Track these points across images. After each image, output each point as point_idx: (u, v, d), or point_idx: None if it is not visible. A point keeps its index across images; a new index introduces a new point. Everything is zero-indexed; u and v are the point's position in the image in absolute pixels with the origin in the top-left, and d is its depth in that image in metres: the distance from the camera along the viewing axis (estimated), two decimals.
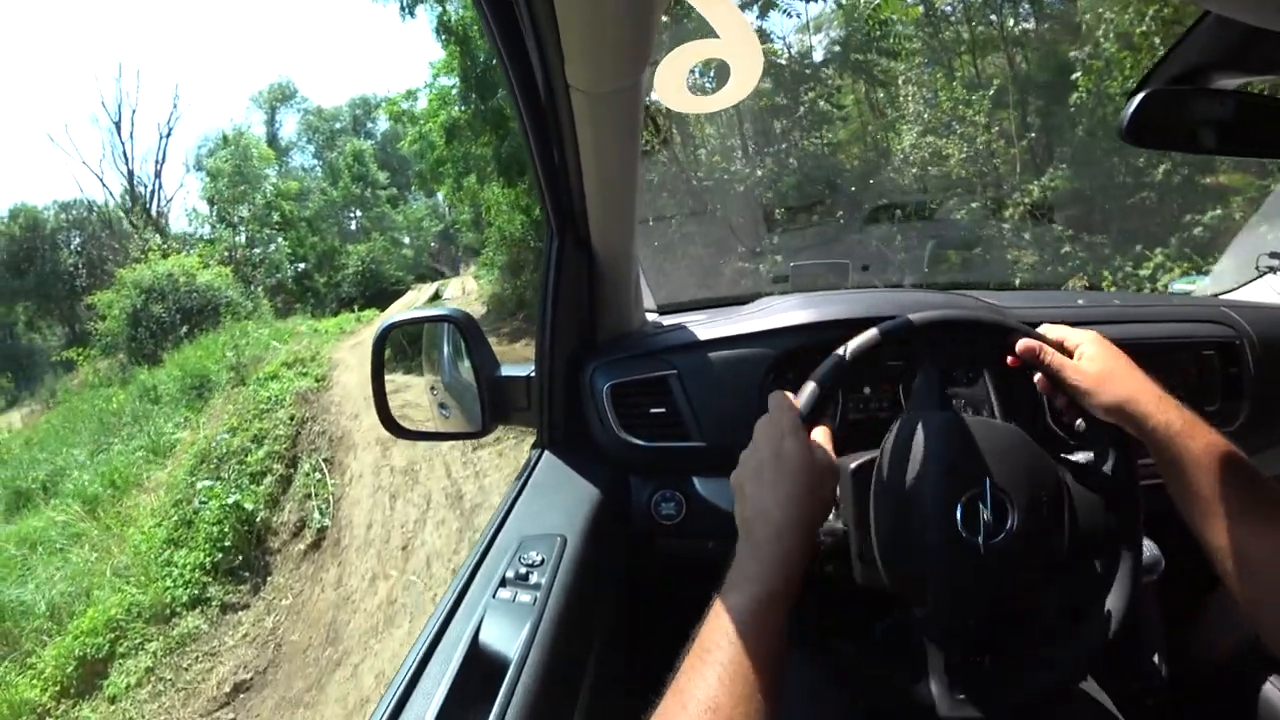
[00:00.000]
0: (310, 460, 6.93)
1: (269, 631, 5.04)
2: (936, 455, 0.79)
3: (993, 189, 7.69)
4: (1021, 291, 1.94)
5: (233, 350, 10.80)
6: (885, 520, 0.79)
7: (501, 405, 1.27)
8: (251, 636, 4.99)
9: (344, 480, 6.62)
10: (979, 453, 0.79)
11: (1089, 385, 0.84)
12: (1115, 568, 0.85)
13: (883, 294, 1.34)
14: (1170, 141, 1.08)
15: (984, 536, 0.75)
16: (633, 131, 0.85)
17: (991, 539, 0.75)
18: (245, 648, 4.88)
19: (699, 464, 1.23)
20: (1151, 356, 1.26)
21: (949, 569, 0.76)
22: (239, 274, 19.28)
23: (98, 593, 5.57)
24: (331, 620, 4.79)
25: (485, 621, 0.83)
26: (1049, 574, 0.80)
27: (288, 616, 5.14)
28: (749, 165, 9.34)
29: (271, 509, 6.38)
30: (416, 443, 6.08)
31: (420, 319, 1.39)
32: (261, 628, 5.08)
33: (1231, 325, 1.32)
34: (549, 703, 0.77)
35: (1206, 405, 1.29)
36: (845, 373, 0.89)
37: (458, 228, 24.66)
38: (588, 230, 1.08)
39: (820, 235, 7.33)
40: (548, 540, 1.00)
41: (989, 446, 0.79)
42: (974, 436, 0.80)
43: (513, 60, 0.77)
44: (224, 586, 5.56)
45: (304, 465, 6.90)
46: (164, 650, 4.89)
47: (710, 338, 1.24)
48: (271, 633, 5.01)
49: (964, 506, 0.76)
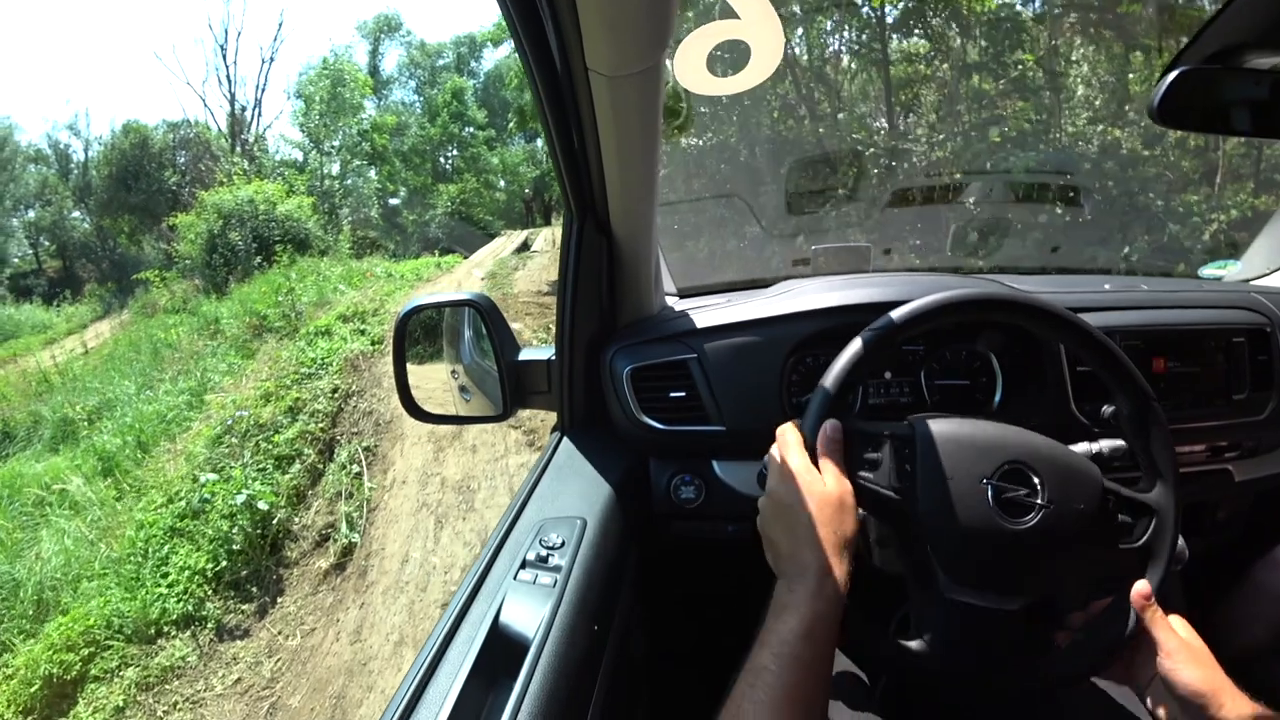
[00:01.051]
0: (349, 448, 5.76)
1: (266, 683, 4.04)
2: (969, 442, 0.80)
3: (1018, 172, 7.56)
4: (1047, 276, 1.91)
5: (285, 295, 9.72)
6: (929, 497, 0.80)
7: (522, 389, 1.29)
8: (245, 686, 4.00)
9: (384, 482, 5.41)
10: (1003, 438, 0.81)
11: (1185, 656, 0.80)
12: (1144, 556, 0.84)
13: (905, 278, 1.33)
14: (1201, 123, 1.06)
15: (1019, 517, 0.77)
16: (653, 114, 0.85)
17: (1026, 519, 0.77)
18: (234, 701, 3.92)
19: (719, 447, 1.24)
20: (1180, 343, 1.25)
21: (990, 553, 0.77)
22: (325, 205, 18.95)
23: (85, 584, 4.67)
24: (340, 692, 3.79)
25: (506, 602, 0.84)
26: (1083, 549, 0.81)
27: (291, 666, 4.10)
28: (770, 147, 9.24)
29: (294, 507, 5.24)
30: (475, 454, 5.52)
31: (442, 303, 1.40)
32: (258, 675, 4.07)
33: (1262, 312, 1.30)
34: (569, 682, 0.78)
35: (1235, 394, 1.27)
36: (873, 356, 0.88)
37: (553, 176, 24.14)
38: (607, 214, 1.08)
39: (842, 218, 7.23)
40: (568, 523, 1.01)
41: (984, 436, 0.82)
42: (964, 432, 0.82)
43: (531, 44, 0.77)
44: (225, 602, 4.52)
45: (341, 453, 5.75)
46: (140, 683, 3.97)
47: (730, 321, 1.24)
48: (269, 686, 4.02)
49: (996, 505, 0.77)
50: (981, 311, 0.92)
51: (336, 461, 5.67)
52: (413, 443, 5.79)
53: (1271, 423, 1.28)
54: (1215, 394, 1.27)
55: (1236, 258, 1.72)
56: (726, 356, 1.21)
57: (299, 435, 5.87)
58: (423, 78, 32.30)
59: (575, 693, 0.79)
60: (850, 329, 0.92)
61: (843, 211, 7.19)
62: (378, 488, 5.34)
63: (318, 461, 5.73)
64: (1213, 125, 1.03)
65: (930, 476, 0.80)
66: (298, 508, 5.26)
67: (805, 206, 6.82)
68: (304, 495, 5.41)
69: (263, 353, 8.49)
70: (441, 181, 28.46)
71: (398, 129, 27.76)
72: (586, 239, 1.12)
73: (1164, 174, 6.78)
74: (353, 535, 4.82)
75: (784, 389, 1.20)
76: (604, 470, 1.18)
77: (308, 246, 15.42)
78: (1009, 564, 0.78)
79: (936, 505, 0.79)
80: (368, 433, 6.02)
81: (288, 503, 5.20)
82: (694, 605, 1.58)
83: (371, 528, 4.93)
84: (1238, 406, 1.27)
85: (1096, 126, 7.41)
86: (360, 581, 4.49)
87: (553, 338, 1.26)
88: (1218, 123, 1.02)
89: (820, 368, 1.10)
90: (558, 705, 0.74)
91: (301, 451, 5.73)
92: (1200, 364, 1.26)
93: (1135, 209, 6.83)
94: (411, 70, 32.41)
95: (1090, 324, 0.90)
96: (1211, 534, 1.12)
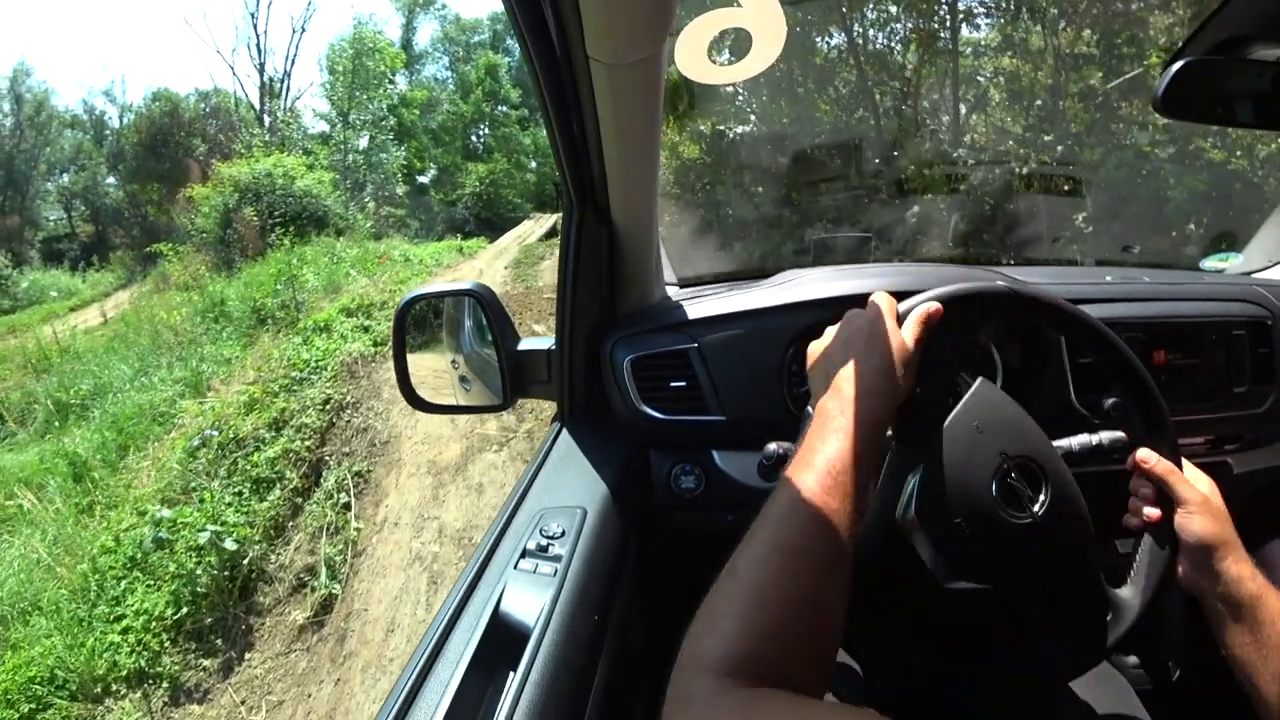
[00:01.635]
0: (338, 472, 4.93)
1: None
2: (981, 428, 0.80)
3: (1021, 163, 7.54)
4: (1049, 267, 1.91)
5: (285, 282, 8.84)
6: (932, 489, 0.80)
7: (522, 379, 1.29)
8: None
9: (374, 519, 4.56)
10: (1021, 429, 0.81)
11: (1194, 505, 0.83)
12: (1143, 550, 0.85)
13: (907, 267, 1.33)
14: (1206, 114, 1.05)
15: (1019, 510, 0.77)
16: (653, 103, 0.85)
17: (1025, 514, 0.77)
18: None
19: (719, 437, 1.24)
20: (1181, 335, 1.25)
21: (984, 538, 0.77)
22: (348, 180, 18.43)
23: (36, 621, 3.95)
24: None
25: (507, 592, 0.85)
26: (1078, 552, 0.81)
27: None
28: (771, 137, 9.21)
29: (270, 541, 4.44)
30: (480, 495, 4.77)
31: (442, 293, 1.40)
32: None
33: (1263, 305, 1.30)
34: (569, 672, 0.78)
35: (1236, 386, 1.27)
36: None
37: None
38: (608, 204, 1.07)
39: (843, 208, 7.22)
40: (568, 512, 1.01)
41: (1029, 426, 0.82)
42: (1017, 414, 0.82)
43: (531, 31, 0.76)
44: (184, 656, 3.79)
45: (328, 478, 4.90)
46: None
47: (731, 311, 1.24)
48: None
49: (999, 480, 0.77)
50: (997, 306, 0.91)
51: (323, 488, 4.84)
52: (410, 472, 4.97)
53: (1271, 415, 1.28)
54: (1216, 386, 1.27)
55: (1238, 250, 1.72)
56: (727, 346, 1.21)
57: (282, 454, 5.07)
58: (457, 53, 31.58)
59: (575, 682, 0.80)
60: None
61: (843, 201, 7.18)
62: (366, 526, 4.53)
63: (301, 486, 4.90)
64: (1217, 117, 1.03)
65: (966, 417, 0.80)
66: (275, 542, 4.47)
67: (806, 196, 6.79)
68: (283, 528, 4.59)
69: (259, 346, 7.77)
70: (471, 160, 27.86)
71: (429, 104, 27.29)
72: (587, 228, 1.12)
73: (1167, 166, 6.75)
74: (334, 585, 4.07)
75: (784, 379, 1.20)
76: (604, 460, 1.18)
77: (325, 224, 14.78)
78: (994, 548, 0.78)
79: (955, 440, 0.79)
80: (360, 454, 5.22)
81: (263, 536, 4.42)
82: (694, 596, 1.58)
83: (355, 578, 4.16)
84: (1238, 399, 1.27)
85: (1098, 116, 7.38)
86: (338, 649, 3.76)
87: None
88: (1222, 114, 1.01)
89: None
90: (558, 695, 0.75)
91: (283, 475, 4.91)
92: (1201, 356, 1.27)
93: (1138, 201, 6.80)
94: (446, 45, 31.59)
95: (1093, 317, 0.90)
96: None
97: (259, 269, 11.12)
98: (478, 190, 25.34)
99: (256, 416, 5.51)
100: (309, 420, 5.43)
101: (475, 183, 25.60)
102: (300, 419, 5.44)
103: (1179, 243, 6.18)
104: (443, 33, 31.59)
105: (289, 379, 6.06)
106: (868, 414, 0.72)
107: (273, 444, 5.16)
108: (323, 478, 4.97)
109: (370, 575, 4.14)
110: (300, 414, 5.52)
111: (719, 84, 6.74)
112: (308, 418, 5.46)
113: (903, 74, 8.81)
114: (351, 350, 6.52)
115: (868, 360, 0.76)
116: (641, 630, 1.22)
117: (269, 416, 5.46)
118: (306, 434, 5.29)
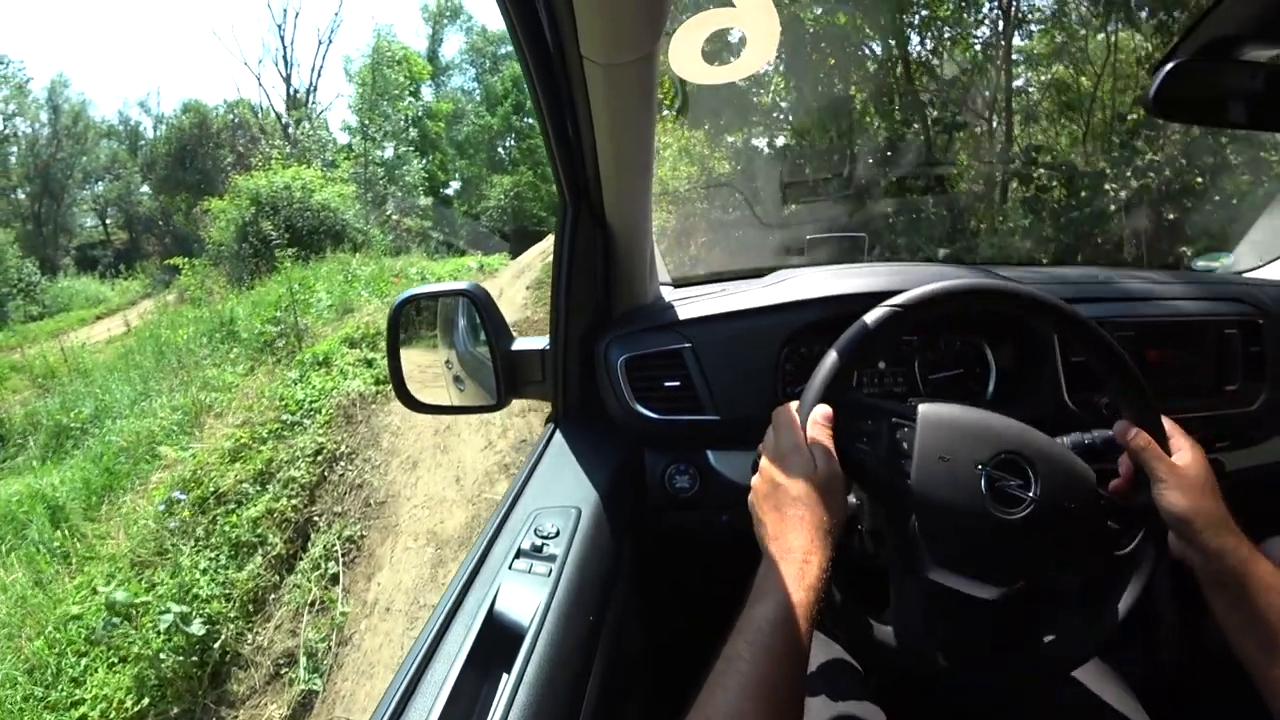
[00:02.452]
0: (327, 537, 4.27)
1: None
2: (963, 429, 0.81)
3: (1015, 164, 7.58)
4: (1042, 268, 1.92)
5: (286, 309, 7.97)
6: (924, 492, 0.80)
7: (516, 379, 1.29)
8: None
9: (365, 598, 3.91)
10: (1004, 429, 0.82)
11: (1171, 480, 0.83)
12: (1134, 547, 0.85)
13: (900, 267, 1.33)
14: (1197, 115, 1.06)
15: (1009, 507, 0.77)
16: (647, 103, 0.85)
17: (1016, 510, 0.77)
18: None
19: (713, 437, 1.24)
20: (1173, 334, 1.26)
21: (975, 538, 0.78)
22: (369, 194, 18.24)
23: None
24: None
25: (501, 592, 0.85)
26: (1069, 548, 0.81)
27: None
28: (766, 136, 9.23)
29: (249, 618, 3.84)
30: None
31: (436, 293, 1.39)
32: None
33: (1254, 304, 1.31)
34: (564, 672, 0.78)
35: (1227, 385, 1.28)
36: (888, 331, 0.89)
37: None
38: (602, 203, 1.07)
39: (836, 208, 7.24)
40: (563, 513, 1.01)
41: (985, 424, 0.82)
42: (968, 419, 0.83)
43: (525, 31, 0.76)
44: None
45: (316, 544, 4.25)
46: None
47: (725, 311, 1.24)
48: None
49: (988, 492, 0.78)
50: (981, 301, 0.92)
51: (309, 556, 4.20)
52: (407, 543, 4.24)
53: (1263, 414, 1.29)
54: (1207, 385, 1.28)
55: (1229, 250, 1.73)
56: (721, 346, 1.21)
57: (266, 514, 4.41)
58: (484, 65, 31.49)
59: (570, 682, 0.79)
60: (845, 319, 0.92)
61: (838, 201, 7.19)
62: (354, 606, 3.89)
63: (286, 553, 4.27)
64: (1208, 117, 1.04)
65: (927, 454, 0.80)
66: (253, 619, 3.86)
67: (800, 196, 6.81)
68: (263, 601, 3.97)
69: (258, 375, 7.09)
70: (497, 172, 27.66)
71: (455, 116, 27.23)
72: (581, 228, 1.12)
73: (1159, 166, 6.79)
74: (314, 680, 3.51)
75: (779, 379, 1.20)
76: (599, 460, 1.18)
77: (343, 238, 14.46)
78: (993, 552, 0.78)
79: (929, 483, 0.79)
80: (353, 515, 4.53)
81: (240, 611, 3.83)
82: (689, 596, 1.58)
83: (339, 674, 3.56)
84: (1229, 397, 1.28)
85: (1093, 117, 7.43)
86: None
87: None
88: (1213, 115, 1.02)
89: (815, 357, 1.10)
90: (553, 695, 0.74)
91: (266, 539, 4.27)
92: (1192, 355, 1.27)
93: (1130, 201, 6.85)
94: (473, 57, 31.63)
95: (1086, 316, 0.91)
96: None
97: (267, 289, 10.57)
98: (502, 203, 25.14)
99: (241, 467, 4.88)
100: (297, 474, 4.75)
101: (500, 195, 25.39)
102: (288, 471, 4.79)
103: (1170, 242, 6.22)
104: (469, 44, 31.67)
105: (279, 423, 5.41)
106: (795, 568, 0.74)
107: (256, 501, 4.54)
108: (310, 542, 4.35)
109: (356, 674, 3.54)
110: (289, 466, 4.86)
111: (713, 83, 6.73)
112: (296, 471, 4.78)
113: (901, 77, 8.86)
114: (350, 389, 5.81)
115: (784, 511, 0.79)
116: (637, 630, 1.21)
117: (254, 468, 4.84)
118: (294, 490, 4.65)
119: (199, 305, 11.61)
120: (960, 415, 0.83)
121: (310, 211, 14.36)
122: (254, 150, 20.38)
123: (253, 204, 14.10)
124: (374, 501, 4.61)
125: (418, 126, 24.10)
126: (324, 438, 5.15)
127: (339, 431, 5.28)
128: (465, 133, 27.71)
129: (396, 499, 4.64)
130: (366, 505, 4.59)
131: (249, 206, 14.08)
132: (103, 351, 11.37)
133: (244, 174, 15.63)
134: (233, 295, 11.57)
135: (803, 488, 0.79)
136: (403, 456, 4.97)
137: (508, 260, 15.09)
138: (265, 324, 8.16)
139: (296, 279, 9.96)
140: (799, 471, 0.80)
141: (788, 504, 0.79)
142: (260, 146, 20.68)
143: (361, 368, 6.36)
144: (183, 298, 14.16)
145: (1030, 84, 8.08)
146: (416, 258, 15.45)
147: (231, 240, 14.00)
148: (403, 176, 21.28)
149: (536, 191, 26.85)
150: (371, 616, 3.77)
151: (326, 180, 15.93)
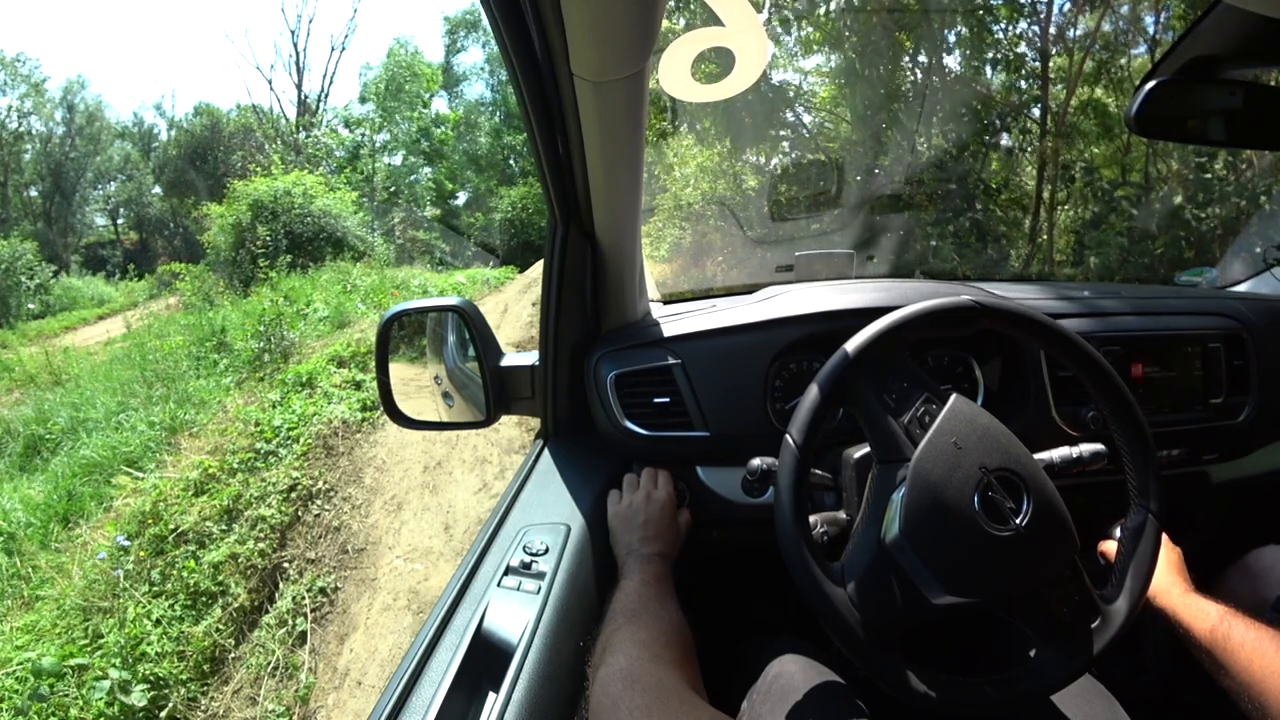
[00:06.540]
0: (297, 587, 3.77)
1: None
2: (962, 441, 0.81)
3: (1000, 180, 7.66)
4: (1028, 284, 1.94)
5: (270, 324, 7.27)
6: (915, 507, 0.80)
7: (506, 394, 1.28)
8: None
9: (334, 666, 3.36)
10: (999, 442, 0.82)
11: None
12: (1127, 559, 0.85)
13: (889, 284, 1.33)
14: (1178, 133, 1.08)
15: (1002, 522, 0.77)
16: (637, 120, 0.85)
17: (996, 527, 0.77)
18: None
19: (702, 453, 1.23)
20: (1158, 349, 1.27)
21: (949, 532, 0.78)
22: (372, 202, 18.06)
23: None
24: None
25: (490, 610, 0.84)
26: (1063, 562, 0.81)
27: None
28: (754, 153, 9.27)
29: (204, 679, 3.35)
30: None
31: (425, 308, 1.39)
32: None
33: (1238, 318, 1.32)
34: (553, 690, 0.77)
35: (1212, 398, 1.29)
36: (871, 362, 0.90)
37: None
38: (591, 220, 1.07)
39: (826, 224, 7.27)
40: (552, 529, 1.01)
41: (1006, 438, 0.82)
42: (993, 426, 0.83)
43: (516, 48, 0.76)
44: None
45: (285, 595, 3.75)
46: None
47: (714, 327, 1.24)
48: None
49: (980, 494, 0.78)
50: (967, 319, 0.93)
51: (276, 609, 3.67)
52: (385, 603, 3.62)
53: (1248, 426, 1.30)
54: (1193, 398, 1.29)
55: (1213, 265, 1.75)
56: (710, 363, 1.21)
57: (229, 558, 3.88)
58: (501, 77, 30.38)
59: (560, 701, 0.79)
60: (834, 335, 0.92)
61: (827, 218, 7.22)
62: (323, 673, 3.36)
63: (250, 605, 3.75)
64: (1189, 135, 1.05)
65: (942, 434, 0.81)
66: (209, 681, 3.36)
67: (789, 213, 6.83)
68: (221, 661, 3.46)
69: (235, 395, 6.37)
70: (506, 184, 26.88)
71: (467, 125, 26.96)
72: (571, 245, 1.12)
73: (1143, 183, 6.89)
74: None
75: (767, 395, 1.20)
76: (588, 477, 1.18)
77: (344, 246, 13.99)
78: (959, 555, 0.78)
79: (932, 458, 0.80)
80: (328, 562, 3.97)
81: (194, 673, 3.33)
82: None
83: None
84: (1215, 410, 1.29)
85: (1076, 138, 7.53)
86: None
87: None
88: (1194, 132, 1.04)
89: (804, 373, 1.10)
90: (542, 714, 0.74)
91: (228, 588, 3.75)
92: (1178, 369, 1.28)
93: (1115, 217, 6.93)
94: (492, 67, 30.82)
95: (1072, 331, 0.91)
96: (1187, 537, 1.14)
97: (260, 297, 9.65)
98: (510, 215, 24.96)
99: (206, 501, 4.32)
100: (268, 513, 4.18)
101: (508, 207, 24.62)
102: (258, 510, 4.22)
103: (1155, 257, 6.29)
104: (488, 55, 30.90)
105: (252, 452, 4.79)
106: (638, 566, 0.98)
107: (220, 542, 4.02)
108: (279, 592, 3.83)
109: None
110: (259, 503, 4.28)
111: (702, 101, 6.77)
112: (267, 509, 4.21)
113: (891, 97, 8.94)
114: (333, 415, 5.14)
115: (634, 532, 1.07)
116: None
117: (220, 503, 4.28)
118: (263, 532, 4.08)
119: (193, 312, 11.20)
120: (988, 420, 0.84)
121: (311, 217, 13.94)
122: (254, 157, 20.31)
123: (250, 209, 13.68)
124: (352, 548, 4.07)
125: (426, 135, 24.16)
126: (300, 472, 4.57)
127: (317, 465, 4.69)
128: (484, 145, 27.22)
129: (377, 546, 4.09)
130: (343, 552, 4.06)
131: (246, 212, 13.68)
132: (99, 353, 11.01)
133: (243, 179, 15.33)
134: (228, 302, 11.31)
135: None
136: (387, 496, 4.43)
137: (514, 274, 14.32)
138: (249, 339, 7.58)
139: (291, 288, 9.74)
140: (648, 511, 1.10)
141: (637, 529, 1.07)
142: (265, 152, 20.68)
143: (349, 390, 5.73)
144: (180, 303, 13.83)
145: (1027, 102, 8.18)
146: (420, 269, 15.04)
147: (228, 246, 13.65)
148: (411, 186, 21.43)
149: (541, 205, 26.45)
150: (341, 690, 3.23)
151: (329, 187, 15.64)
